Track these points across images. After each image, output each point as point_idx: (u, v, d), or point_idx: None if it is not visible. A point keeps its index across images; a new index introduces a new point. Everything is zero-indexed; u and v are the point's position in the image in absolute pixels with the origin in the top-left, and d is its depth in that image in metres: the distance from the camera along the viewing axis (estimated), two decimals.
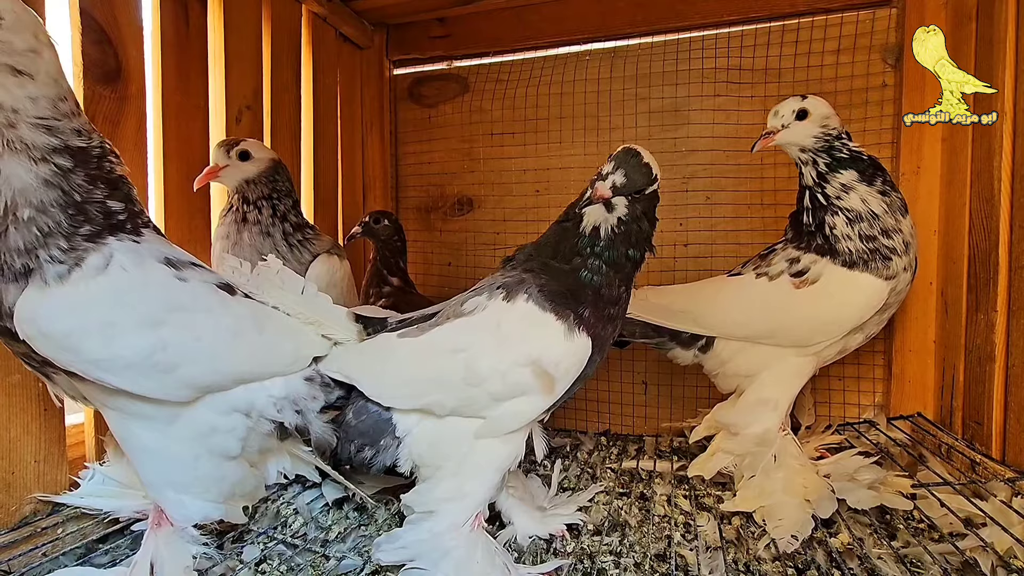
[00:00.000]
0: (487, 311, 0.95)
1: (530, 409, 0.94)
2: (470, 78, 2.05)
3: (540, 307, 0.92)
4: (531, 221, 1.95)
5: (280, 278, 0.98)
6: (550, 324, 0.91)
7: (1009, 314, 1.27)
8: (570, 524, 1.13)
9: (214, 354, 0.88)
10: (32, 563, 0.95)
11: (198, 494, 0.92)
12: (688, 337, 1.38)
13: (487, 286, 0.99)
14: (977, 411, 1.35)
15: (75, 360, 0.79)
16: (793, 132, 1.26)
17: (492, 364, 0.92)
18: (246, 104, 1.58)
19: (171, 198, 1.38)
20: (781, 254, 1.32)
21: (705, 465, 1.34)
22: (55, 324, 0.76)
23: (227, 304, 0.91)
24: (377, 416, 0.98)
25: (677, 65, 1.80)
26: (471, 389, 0.92)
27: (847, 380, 1.66)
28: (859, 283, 1.21)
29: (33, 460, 1.07)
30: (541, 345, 0.91)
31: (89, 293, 0.78)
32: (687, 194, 1.80)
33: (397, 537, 0.94)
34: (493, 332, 0.93)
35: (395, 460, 0.98)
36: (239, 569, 0.98)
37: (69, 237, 0.78)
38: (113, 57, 1.21)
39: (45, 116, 0.78)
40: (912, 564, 0.98)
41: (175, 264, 0.87)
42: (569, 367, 0.93)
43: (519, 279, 0.97)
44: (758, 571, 0.99)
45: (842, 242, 1.22)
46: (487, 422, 0.94)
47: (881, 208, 1.21)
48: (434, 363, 0.96)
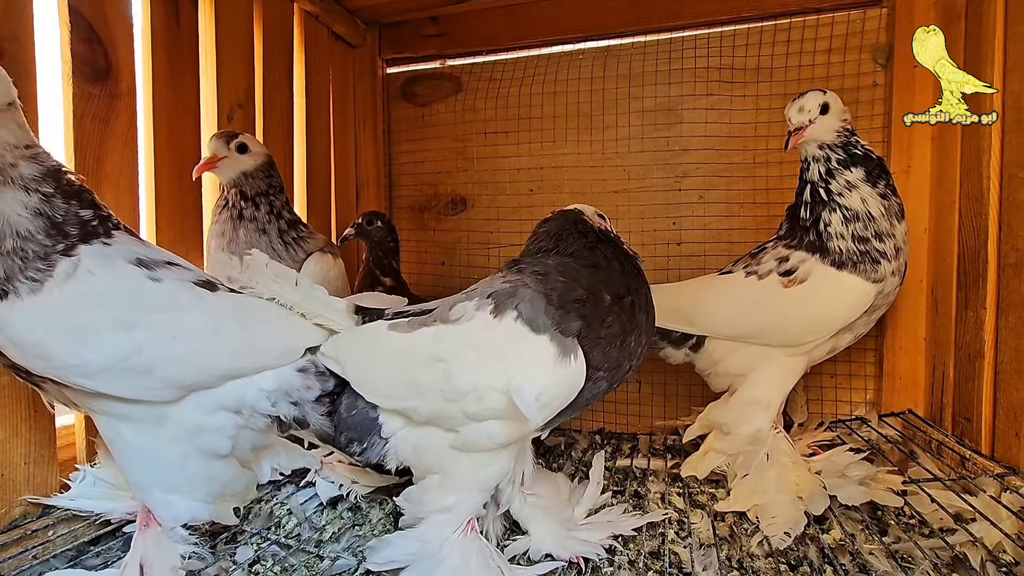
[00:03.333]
0: (472, 322, 0.88)
1: (506, 433, 0.87)
2: (463, 77, 2.05)
3: (530, 326, 0.84)
4: (525, 220, 1.95)
5: (271, 271, 0.96)
6: (538, 347, 0.83)
7: (998, 311, 1.29)
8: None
9: (194, 353, 0.87)
10: (23, 566, 0.95)
11: (186, 494, 0.91)
12: (679, 336, 1.39)
13: (480, 292, 0.92)
14: (967, 407, 1.37)
15: (49, 367, 0.79)
16: (819, 127, 1.23)
17: (470, 382, 0.85)
18: (238, 103, 1.57)
19: (162, 197, 1.37)
20: (771, 252, 1.32)
21: (698, 465, 1.34)
22: (24, 333, 0.76)
23: (205, 301, 0.90)
24: (365, 414, 0.96)
25: (670, 64, 1.81)
26: (447, 404, 0.87)
27: (839, 377, 1.67)
28: (846, 284, 1.21)
29: (23, 462, 1.06)
30: (523, 374, 0.81)
31: (57, 299, 0.77)
32: (680, 193, 1.81)
33: (388, 545, 0.92)
34: (474, 348, 0.86)
35: (381, 458, 0.97)
36: (232, 570, 0.98)
37: (47, 256, 0.78)
38: (103, 55, 1.20)
39: (31, 143, 0.80)
40: (903, 559, 0.98)
41: (147, 264, 0.86)
42: (553, 399, 0.83)
43: (514, 289, 0.89)
44: (751, 568, 0.99)
45: (834, 240, 1.22)
46: (460, 435, 0.89)
47: (879, 211, 1.21)
48: (414, 367, 0.90)
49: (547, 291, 0.88)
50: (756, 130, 1.73)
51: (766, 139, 1.72)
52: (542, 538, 1.00)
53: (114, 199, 1.22)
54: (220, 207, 1.39)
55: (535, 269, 0.94)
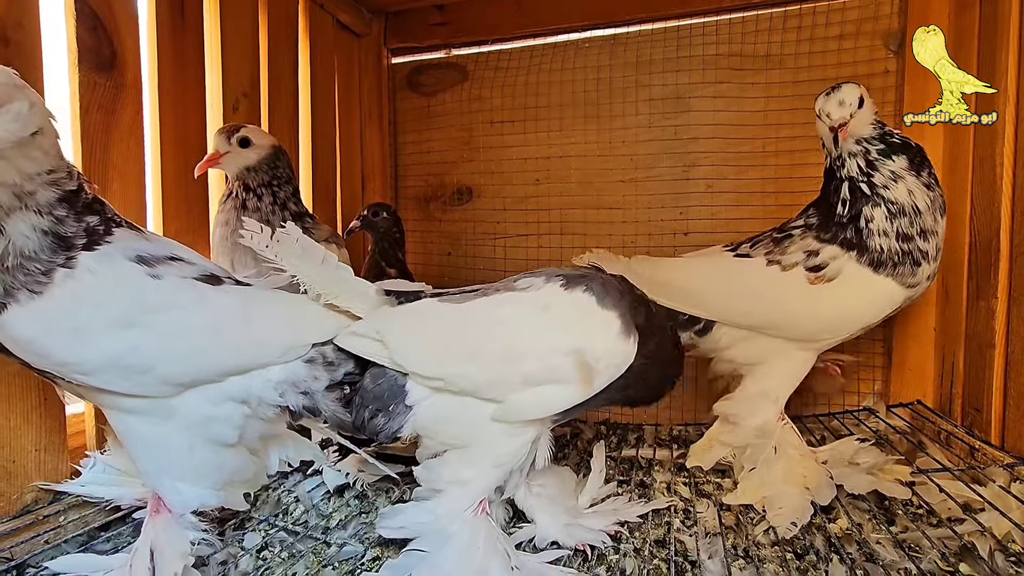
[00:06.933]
0: (541, 291, 0.94)
1: (558, 400, 0.90)
2: (469, 66, 2.03)
3: (599, 301, 0.91)
4: (531, 210, 1.95)
5: (300, 246, 0.93)
6: (606, 318, 0.90)
7: (1010, 301, 1.27)
8: None
9: (193, 351, 0.87)
10: (35, 550, 0.96)
11: (195, 482, 0.91)
12: (686, 319, 1.33)
13: (545, 272, 0.98)
14: (977, 398, 1.36)
15: (48, 364, 0.80)
16: (858, 121, 1.15)
17: (532, 344, 0.90)
18: (243, 92, 1.57)
19: (168, 187, 1.37)
20: (799, 243, 1.23)
21: (703, 456, 1.34)
22: (23, 330, 0.77)
23: (207, 299, 0.88)
24: (393, 382, 0.95)
25: (679, 52, 1.79)
26: (505, 366, 0.89)
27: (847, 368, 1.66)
28: (878, 288, 1.15)
29: (34, 449, 1.07)
30: (590, 336, 0.89)
31: (55, 299, 0.77)
32: (688, 182, 1.80)
33: (400, 512, 0.94)
34: (541, 312, 0.92)
35: (400, 427, 0.96)
36: (240, 556, 0.99)
37: (48, 272, 0.77)
38: (108, 44, 1.20)
39: (54, 168, 0.80)
40: (910, 548, 0.98)
41: (148, 261, 0.85)
42: (608, 366, 0.89)
43: (585, 274, 0.96)
44: (757, 556, 0.99)
45: (876, 238, 1.15)
46: (504, 405, 0.91)
47: (925, 203, 1.13)
48: (472, 332, 0.93)
49: (618, 287, 0.96)
50: (766, 118, 1.71)
51: (776, 127, 1.70)
52: (547, 526, 1.01)
53: (121, 189, 1.23)
54: (225, 196, 1.41)
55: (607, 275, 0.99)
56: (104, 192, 1.19)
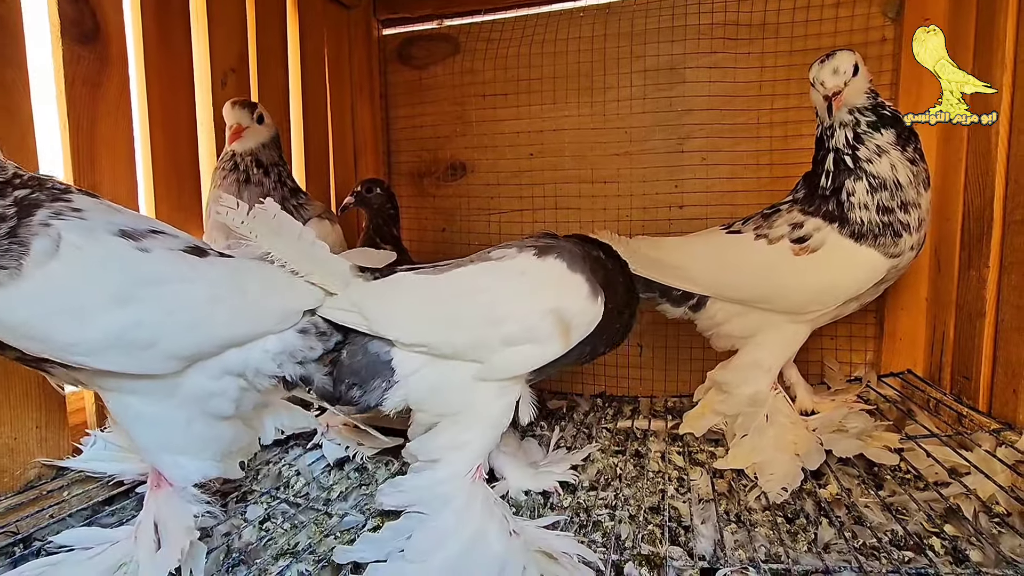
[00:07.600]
0: (515, 260, 1.02)
1: (535, 357, 0.98)
2: (460, 38, 2.00)
3: (569, 267, 0.99)
4: (525, 185, 1.93)
5: (277, 222, 0.93)
6: (575, 281, 0.99)
7: (1001, 270, 1.28)
8: (564, 481, 1.15)
9: (194, 323, 0.86)
10: (40, 524, 0.98)
11: (195, 455, 0.92)
12: (680, 295, 1.36)
13: (517, 244, 1.05)
14: (966, 366, 1.38)
15: (46, 348, 0.77)
16: (852, 89, 1.15)
17: (512, 307, 0.97)
18: (231, 67, 1.54)
19: (159, 164, 1.36)
20: (785, 216, 1.27)
21: (696, 423, 1.36)
22: (13, 315, 0.73)
23: (198, 269, 0.87)
24: (375, 357, 0.98)
25: (673, 21, 1.76)
26: (486, 329, 0.96)
27: (839, 339, 1.68)
28: (860, 258, 1.17)
29: (35, 426, 1.08)
30: (563, 296, 0.98)
31: (44, 280, 0.73)
32: (683, 155, 1.78)
33: (400, 483, 0.97)
34: (517, 278, 1.00)
35: (380, 402, 0.99)
36: (243, 527, 1.01)
37: (14, 232, 0.73)
38: (90, 16, 1.17)
39: None
40: (897, 511, 1.01)
41: (132, 235, 0.82)
42: (580, 324, 0.98)
43: (554, 243, 1.04)
44: (748, 521, 1.02)
45: (856, 211, 1.17)
46: (487, 365, 0.97)
47: (907, 177, 1.15)
48: (453, 300, 1.00)
49: (581, 253, 1.04)
50: (760, 88, 1.69)
51: (771, 98, 1.68)
52: (519, 478, 1.12)
53: (110, 166, 1.22)
54: (227, 171, 1.40)
55: (567, 241, 1.08)
56: (92, 168, 1.19)
